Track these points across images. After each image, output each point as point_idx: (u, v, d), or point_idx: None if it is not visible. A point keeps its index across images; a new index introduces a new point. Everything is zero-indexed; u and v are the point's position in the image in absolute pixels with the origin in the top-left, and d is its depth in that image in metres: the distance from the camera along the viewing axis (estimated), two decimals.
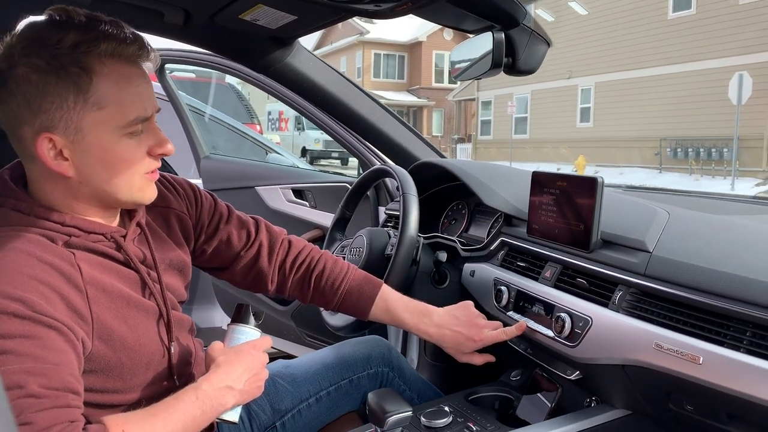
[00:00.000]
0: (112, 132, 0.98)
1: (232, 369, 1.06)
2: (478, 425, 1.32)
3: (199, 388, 1.02)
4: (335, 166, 19.49)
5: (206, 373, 1.06)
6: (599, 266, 1.22)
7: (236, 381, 1.05)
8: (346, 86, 1.91)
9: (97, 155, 0.98)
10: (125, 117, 0.98)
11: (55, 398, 0.86)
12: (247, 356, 1.09)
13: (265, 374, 1.12)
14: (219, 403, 1.03)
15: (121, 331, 1.01)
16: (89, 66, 0.95)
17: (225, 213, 1.36)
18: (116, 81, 0.97)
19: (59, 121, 0.95)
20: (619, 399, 1.23)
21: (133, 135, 1.01)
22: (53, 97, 0.93)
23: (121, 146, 1.00)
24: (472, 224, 1.80)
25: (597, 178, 1.23)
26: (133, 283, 1.07)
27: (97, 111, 0.96)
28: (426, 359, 2.07)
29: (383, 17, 1.21)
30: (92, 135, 0.97)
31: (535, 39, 1.23)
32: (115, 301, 1.01)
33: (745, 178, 14.99)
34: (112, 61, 0.97)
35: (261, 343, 1.13)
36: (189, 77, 6.82)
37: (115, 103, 0.97)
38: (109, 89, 0.96)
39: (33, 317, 0.88)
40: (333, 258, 1.45)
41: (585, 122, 20.86)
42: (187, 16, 1.49)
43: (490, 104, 25.38)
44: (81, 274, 0.97)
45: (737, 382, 0.93)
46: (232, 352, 1.09)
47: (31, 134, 0.95)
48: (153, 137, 1.04)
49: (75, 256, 0.98)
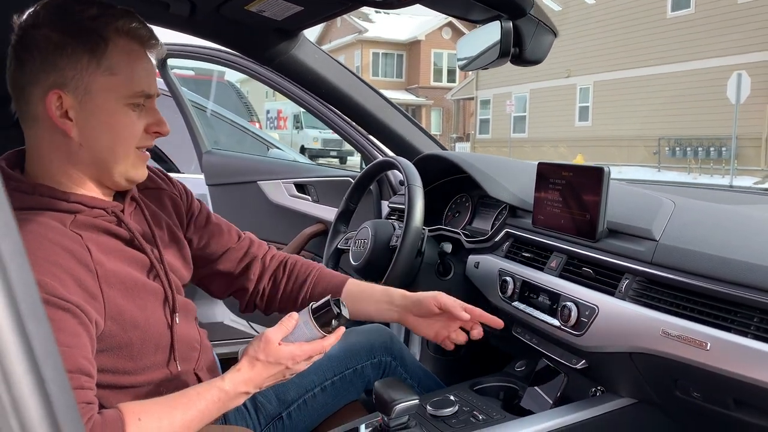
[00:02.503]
0: (118, 99, 1.03)
1: (260, 377, 1.05)
2: (484, 414, 1.33)
3: (223, 388, 1.02)
4: (334, 165, 19.49)
5: (241, 362, 1.06)
6: (605, 255, 1.23)
7: (257, 388, 1.06)
8: (351, 79, 1.91)
9: (101, 118, 1.02)
10: (132, 87, 1.04)
11: (69, 380, 0.87)
12: (282, 368, 1.06)
13: (292, 375, 1.10)
14: (234, 403, 1.05)
15: (132, 311, 1.03)
16: (106, 35, 1.01)
17: (211, 214, 1.38)
18: (128, 54, 1.04)
19: (71, 80, 0.99)
20: (625, 387, 1.23)
21: (136, 107, 1.06)
22: (68, 57, 0.99)
23: (124, 116, 1.04)
24: (475, 216, 1.81)
25: (603, 167, 1.23)
26: (140, 264, 1.09)
27: (108, 76, 1.01)
28: (428, 352, 2.08)
29: (390, 7, 1.21)
30: (99, 98, 1.01)
31: (541, 29, 1.23)
32: (124, 281, 1.03)
33: (743, 177, 15.01)
34: (126, 37, 1.04)
35: (310, 350, 1.08)
36: (189, 75, 6.81)
37: (125, 73, 1.03)
38: (121, 59, 1.02)
39: (47, 299, 0.89)
40: (302, 259, 1.43)
41: (583, 121, 20.87)
42: (193, 8, 1.49)
43: (489, 103, 25.38)
44: (90, 255, 0.99)
45: (745, 367, 0.94)
46: (272, 356, 1.05)
47: (40, 93, 0.99)
48: (152, 116, 1.09)
49: (83, 238, 1.00)
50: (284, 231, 2.52)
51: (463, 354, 2.06)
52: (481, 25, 1.25)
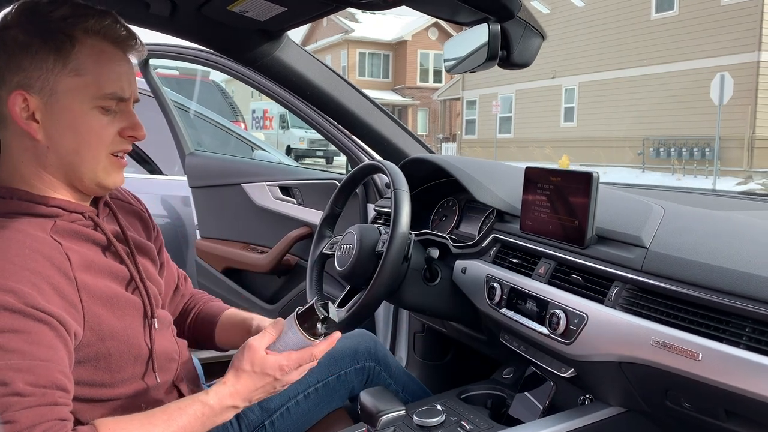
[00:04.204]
0: (84, 101, 1.00)
1: (247, 390, 1.02)
2: (471, 424, 1.31)
3: (207, 403, 0.99)
4: (320, 165, 19.45)
5: (226, 375, 1.03)
6: (594, 262, 1.21)
7: (245, 402, 1.03)
8: (336, 81, 1.88)
9: (66, 121, 0.99)
10: (101, 89, 1.00)
11: (42, 396, 0.85)
12: (271, 380, 1.03)
13: (283, 387, 1.07)
14: (221, 418, 1.02)
15: (110, 320, 1.01)
16: (74, 35, 0.98)
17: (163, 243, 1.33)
18: (98, 55, 1.00)
19: (36, 80, 0.97)
20: (614, 396, 1.22)
21: (106, 111, 1.02)
22: (33, 57, 0.96)
23: (92, 118, 1.01)
24: (462, 221, 1.78)
25: (592, 173, 1.21)
26: (119, 276, 1.06)
27: (74, 77, 0.98)
28: (415, 357, 2.06)
29: (376, 8, 1.18)
30: (65, 100, 0.99)
31: (529, 32, 1.21)
32: (103, 292, 1.01)
33: (726, 178, 15.15)
34: (97, 38, 1.00)
35: (298, 358, 1.04)
36: (172, 74, 6.74)
37: (92, 74, 0.99)
38: (89, 60, 0.99)
39: (24, 311, 0.87)
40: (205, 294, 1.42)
41: (569, 122, 21.00)
42: (174, 8, 1.46)
43: (475, 104, 25.45)
44: (70, 264, 0.97)
45: (737, 378, 0.92)
46: (258, 365, 1.02)
47: (5, 94, 0.97)
48: (127, 119, 1.05)
49: (62, 246, 0.98)
50: (269, 234, 2.49)
51: (450, 360, 2.04)
52: (469, 27, 1.23)
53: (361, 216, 2.19)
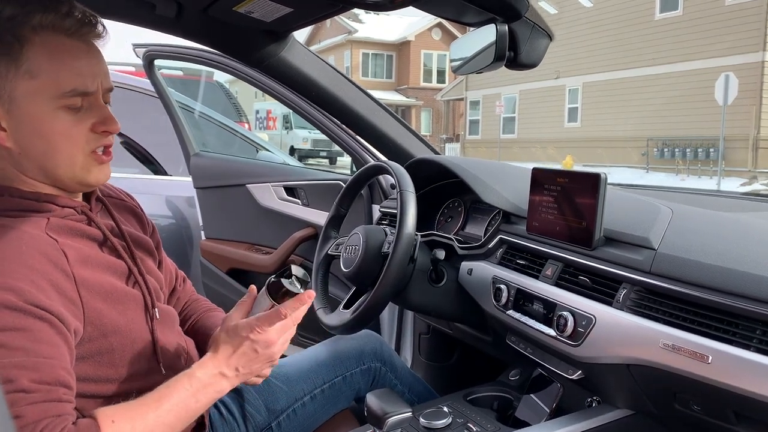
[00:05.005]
0: (46, 103, 0.95)
1: (226, 355, 1.03)
2: (478, 426, 1.30)
3: (193, 375, 1.00)
4: (323, 165, 19.45)
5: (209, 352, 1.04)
6: (602, 264, 1.20)
7: (231, 369, 1.03)
8: (341, 81, 1.88)
9: (32, 126, 0.96)
10: (59, 88, 0.95)
11: (47, 392, 0.85)
12: (247, 342, 1.03)
13: (267, 355, 1.05)
14: (214, 390, 1.01)
15: (111, 315, 1.00)
16: (22, 35, 0.93)
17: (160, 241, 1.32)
18: (51, 52, 0.95)
19: None
20: (622, 399, 1.21)
21: (72, 109, 0.98)
22: None
23: (57, 119, 0.97)
24: (468, 222, 1.78)
25: (600, 174, 1.21)
26: (117, 271, 1.06)
27: (30, 80, 0.94)
28: (420, 359, 2.05)
29: (382, 9, 1.18)
30: (26, 105, 0.95)
31: (537, 32, 1.21)
32: (102, 287, 1.00)
33: (731, 178, 15.11)
34: (47, 33, 0.95)
35: (267, 317, 1.03)
36: (177, 75, 6.75)
37: (48, 73, 0.94)
38: (42, 59, 0.94)
39: (25, 309, 0.87)
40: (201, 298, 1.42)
41: (572, 122, 20.97)
42: (180, 9, 1.46)
43: (479, 104, 25.43)
44: (67, 260, 0.96)
45: (747, 381, 0.92)
46: (230, 331, 1.04)
47: None
48: (96, 114, 1.00)
49: (58, 242, 0.97)
50: (274, 235, 2.49)
51: (455, 361, 2.03)
52: (475, 27, 1.22)
53: (366, 217, 2.19)
